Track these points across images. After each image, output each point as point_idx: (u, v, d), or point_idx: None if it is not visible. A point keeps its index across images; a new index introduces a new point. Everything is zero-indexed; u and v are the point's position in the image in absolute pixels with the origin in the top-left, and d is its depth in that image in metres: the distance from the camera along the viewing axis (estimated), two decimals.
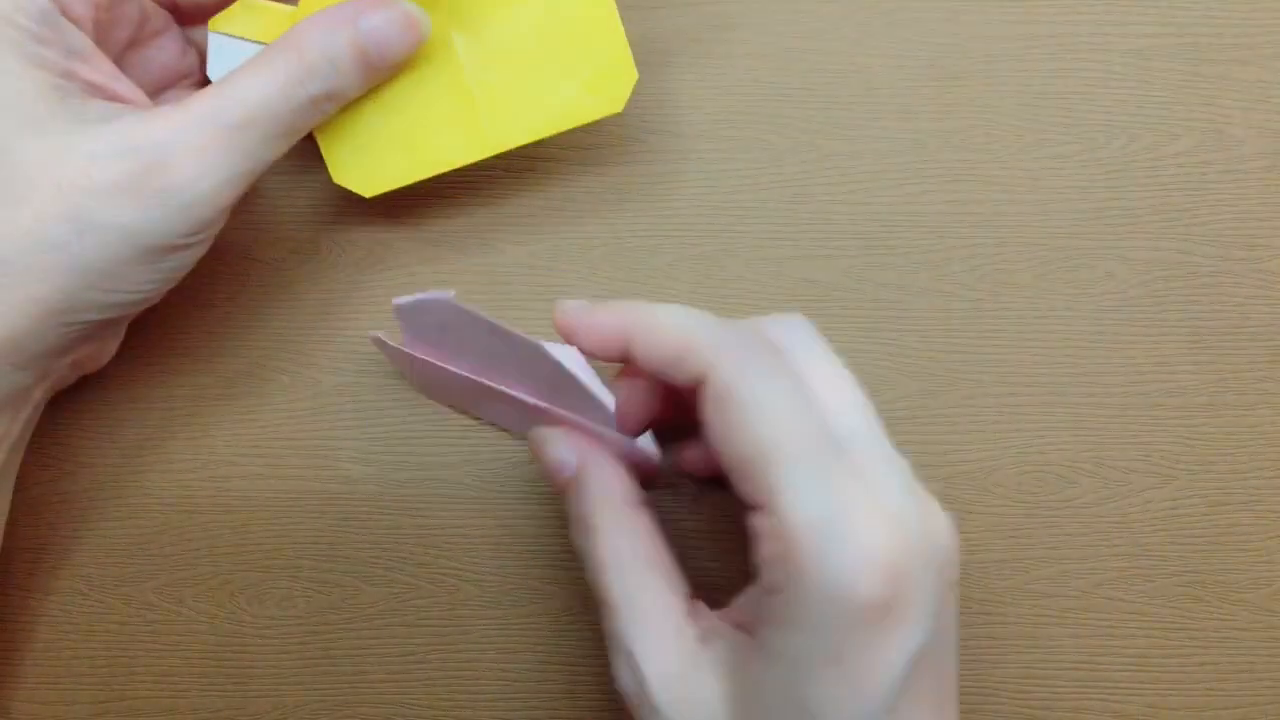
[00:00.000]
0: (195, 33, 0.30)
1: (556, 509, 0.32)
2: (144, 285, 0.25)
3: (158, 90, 0.29)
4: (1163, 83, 0.32)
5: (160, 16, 0.29)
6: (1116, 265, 0.32)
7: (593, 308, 0.24)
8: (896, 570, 0.20)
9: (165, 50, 0.29)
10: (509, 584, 0.32)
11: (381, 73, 0.27)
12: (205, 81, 0.30)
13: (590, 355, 0.25)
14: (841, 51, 0.33)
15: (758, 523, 0.21)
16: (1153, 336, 0.32)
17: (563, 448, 0.27)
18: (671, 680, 0.22)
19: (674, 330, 0.23)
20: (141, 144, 0.24)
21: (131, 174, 0.24)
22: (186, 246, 0.25)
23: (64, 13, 0.25)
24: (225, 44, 0.27)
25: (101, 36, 0.26)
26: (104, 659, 0.31)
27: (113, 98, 0.26)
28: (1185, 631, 0.32)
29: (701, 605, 0.25)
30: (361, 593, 0.32)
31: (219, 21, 0.27)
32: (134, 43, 0.28)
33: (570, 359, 0.25)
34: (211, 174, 0.24)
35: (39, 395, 0.27)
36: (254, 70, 0.25)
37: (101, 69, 0.25)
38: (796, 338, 0.23)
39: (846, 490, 0.21)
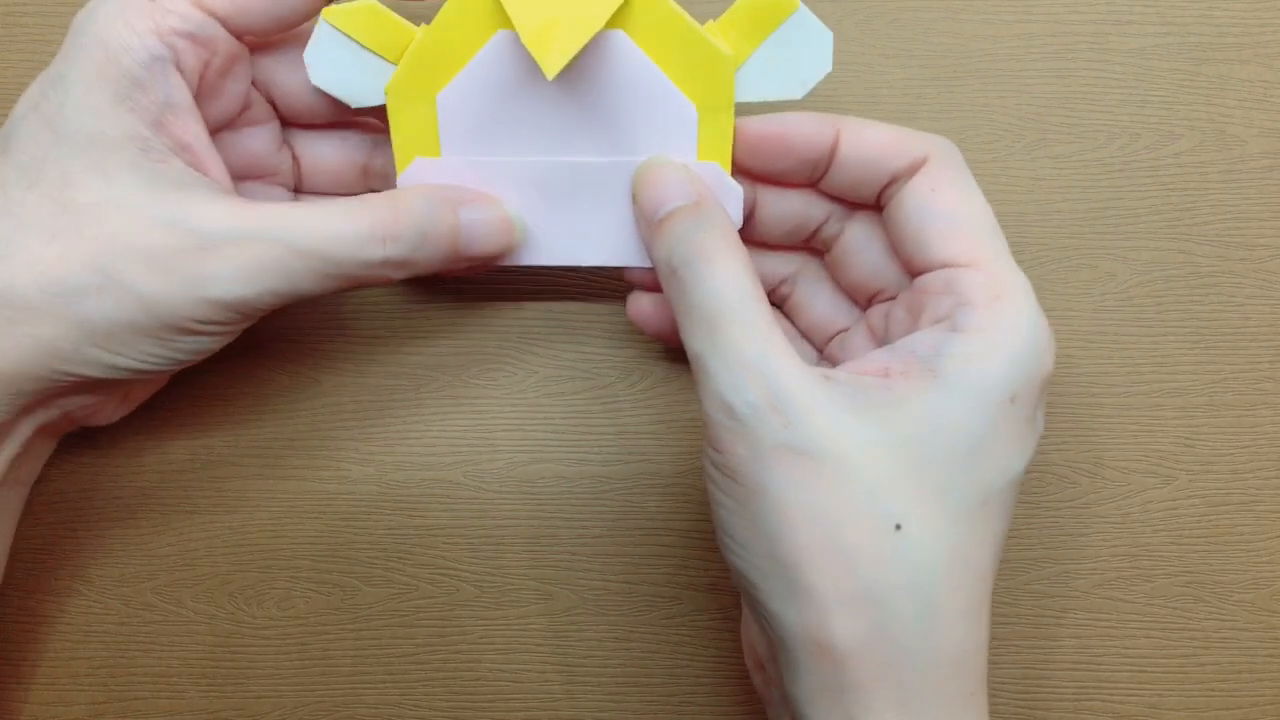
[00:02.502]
0: (296, 139, 0.29)
1: (556, 510, 0.32)
2: (150, 358, 0.24)
3: (240, 179, 0.28)
4: (1163, 82, 0.32)
5: (264, 109, 0.28)
6: (1117, 265, 0.32)
7: (785, 114, 0.26)
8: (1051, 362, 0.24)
9: (259, 140, 0.28)
10: (508, 584, 0.32)
11: (460, 263, 0.27)
12: (296, 188, 0.29)
13: (773, 164, 0.26)
14: (842, 51, 0.33)
15: (956, 275, 0.24)
16: (1153, 336, 0.32)
17: (680, 179, 0.26)
18: (807, 394, 0.22)
19: (887, 126, 0.26)
20: (194, 225, 0.23)
21: (171, 249, 0.23)
22: (202, 334, 0.24)
23: (175, 62, 0.24)
24: (331, 37, 0.26)
25: (202, 98, 0.25)
26: (102, 660, 0.31)
27: (196, 164, 0.25)
28: (1185, 632, 0.32)
29: None
30: (360, 593, 0.32)
31: (333, 13, 0.25)
32: (231, 124, 0.27)
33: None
34: (247, 284, 0.23)
35: (26, 431, 0.26)
36: (341, 208, 0.24)
37: (192, 130, 0.25)
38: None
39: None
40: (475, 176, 0.27)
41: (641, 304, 0.29)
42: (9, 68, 0.32)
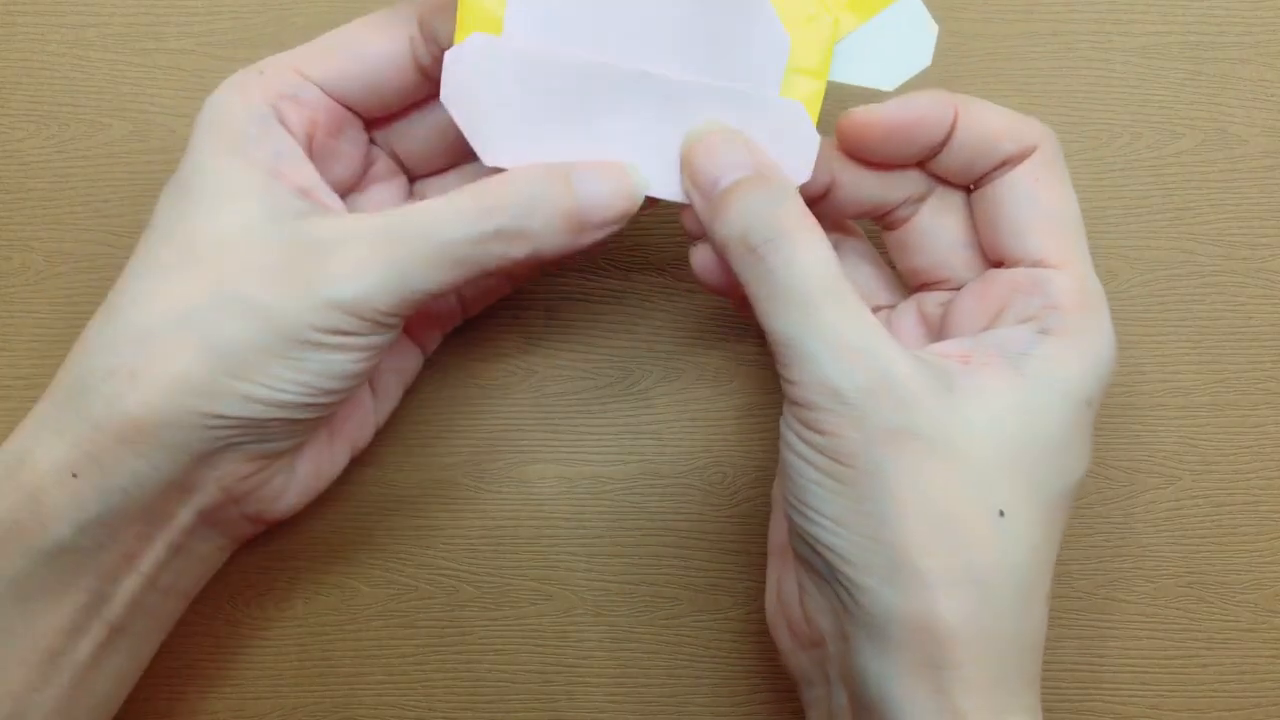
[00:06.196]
0: (426, 186, 0.29)
1: (556, 510, 0.32)
2: (285, 384, 0.23)
3: None
4: (1165, 81, 0.32)
5: (387, 165, 0.28)
6: (1119, 264, 0.32)
7: (905, 97, 0.25)
8: None
9: (388, 196, 0.29)
10: (508, 585, 0.32)
11: (586, 233, 0.25)
12: None
13: (900, 150, 0.25)
14: None
15: (1047, 277, 0.24)
16: (1155, 336, 0.32)
17: (736, 147, 0.25)
18: (914, 376, 0.22)
19: (998, 108, 0.25)
20: (306, 237, 0.24)
21: (286, 260, 0.23)
22: (327, 348, 0.23)
23: (280, 119, 0.25)
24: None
25: (317, 159, 0.26)
26: None
27: (317, 204, 0.25)
28: (1188, 632, 0.32)
29: None
30: (360, 594, 0.32)
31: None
32: (356, 185, 0.28)
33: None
34: (359, 279, 0.23)
35: (185, 518, 0.25)
36: (446, 196, 0.24)
37: (308, 173, 0.25)
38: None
39: None
40: (535, 72, 0.25)
41: (706, 258, 0.27)
42: (8, 67, 0.32)
